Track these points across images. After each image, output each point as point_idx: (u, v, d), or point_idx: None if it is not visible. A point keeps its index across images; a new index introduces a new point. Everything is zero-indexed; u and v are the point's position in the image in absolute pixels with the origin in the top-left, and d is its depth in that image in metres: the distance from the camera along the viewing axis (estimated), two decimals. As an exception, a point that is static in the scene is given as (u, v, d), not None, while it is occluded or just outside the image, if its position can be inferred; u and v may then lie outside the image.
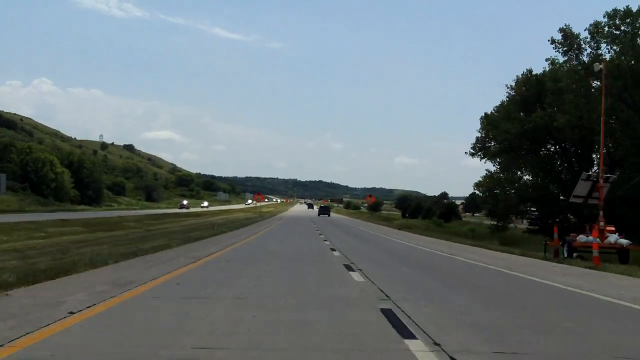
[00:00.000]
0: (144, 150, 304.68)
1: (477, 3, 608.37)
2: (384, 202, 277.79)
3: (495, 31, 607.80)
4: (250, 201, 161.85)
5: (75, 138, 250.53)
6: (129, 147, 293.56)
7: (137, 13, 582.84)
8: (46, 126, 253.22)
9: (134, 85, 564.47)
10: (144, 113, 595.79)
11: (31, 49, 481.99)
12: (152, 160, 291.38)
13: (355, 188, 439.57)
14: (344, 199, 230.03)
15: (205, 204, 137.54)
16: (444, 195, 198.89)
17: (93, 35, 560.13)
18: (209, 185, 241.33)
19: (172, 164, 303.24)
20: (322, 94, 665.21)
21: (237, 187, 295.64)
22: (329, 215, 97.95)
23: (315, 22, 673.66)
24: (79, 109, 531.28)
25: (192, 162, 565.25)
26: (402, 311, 8.32)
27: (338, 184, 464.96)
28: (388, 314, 8.11)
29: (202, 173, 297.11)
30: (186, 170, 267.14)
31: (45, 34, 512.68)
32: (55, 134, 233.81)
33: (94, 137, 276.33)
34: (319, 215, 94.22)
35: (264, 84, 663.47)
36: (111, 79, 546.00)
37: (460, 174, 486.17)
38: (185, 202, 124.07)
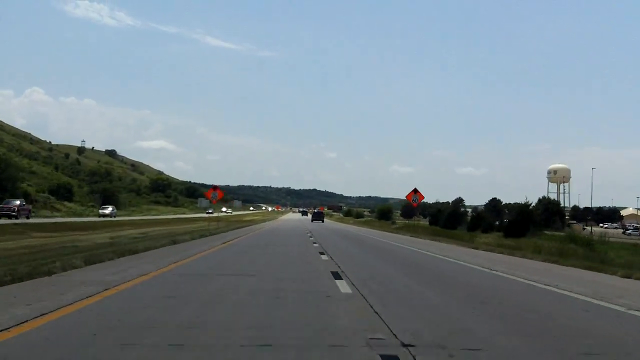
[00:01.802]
0: (138, 160, 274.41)
1: (474, 13, 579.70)
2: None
3: (489, 39, 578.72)
4: (224, 209, 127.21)
5: (49, 142, 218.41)
6: (111, 153, 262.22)
7: (129, 22, 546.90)
8: (14, 127, 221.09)
9: (127, 95, 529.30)
10: (136, 122, 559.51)
11: (23, 58, 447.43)
12: (135, 166, 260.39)
13: (350, 197, 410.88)
14: (343, 207, 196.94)
15: (110, 209, 79.96)
16: (459, 200, 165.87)
17: (85, 44, 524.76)
18: (192, 192, 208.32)
19: (159, 171, 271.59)
20: (317, 103, 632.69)
21: (225, 195, 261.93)
22: (322, 221, 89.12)
23: (308, 30, 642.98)
24: (71, 118, 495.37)
25: (187, 171, 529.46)
26: None
27: (333, 193, 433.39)
28: None
29: (192, 182, 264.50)
30: (166, 175, 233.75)
31: (37, 43, 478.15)
32: (24, 137, 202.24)
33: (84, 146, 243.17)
34: (312, 221, 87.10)
35: (257, 92, 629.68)
36: (104, 88, 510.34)
37: (455, 182, 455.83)
38: (18, 202, 59.15)
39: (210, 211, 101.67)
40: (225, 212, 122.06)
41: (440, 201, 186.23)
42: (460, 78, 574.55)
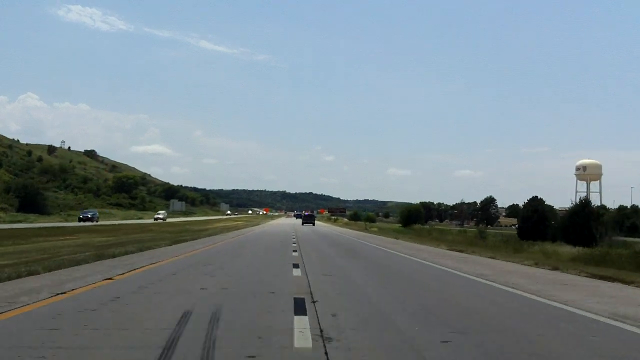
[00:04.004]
0: (133, 165, 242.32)
1: (471, 16, 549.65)
2: (383, 214, 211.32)
3: (489, 44, 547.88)
4: (162, 212, 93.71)
5: (16, 140, 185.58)
6: (90, 153, 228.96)
7: (121, 26, 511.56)
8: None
9: (122, 99, 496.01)
10: (132, 127, 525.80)
11: (16, 64, 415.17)
12: (117, 167, 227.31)
13: (348, 200, 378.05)
14: (347, 211, 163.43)
15: None
16: (489, 200, 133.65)
17: (78, 49, 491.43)
18: (171, 194, 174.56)
19: (145, 173, 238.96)
20: (313, 106, 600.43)
21: (213, 198, 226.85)
22: (313, 224, 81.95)
23: (304, 33, 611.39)
24: (66, 123, 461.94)
25: (182, 175, 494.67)
26: None
27: (330, 196, 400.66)
28: None
29: (184, 185, 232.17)
30: (152, 177, 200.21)
31: (29, 49, 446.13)
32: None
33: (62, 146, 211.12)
34: (303, 224, 79.07)
35: (253, 96, 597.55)
36: (98, 92, 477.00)
37: (452, 184, 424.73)
38: None
39: (90, 215, 65.19)
40: (158, 218, 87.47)
41: (467, 201, 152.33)
42: (457, 81, 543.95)
